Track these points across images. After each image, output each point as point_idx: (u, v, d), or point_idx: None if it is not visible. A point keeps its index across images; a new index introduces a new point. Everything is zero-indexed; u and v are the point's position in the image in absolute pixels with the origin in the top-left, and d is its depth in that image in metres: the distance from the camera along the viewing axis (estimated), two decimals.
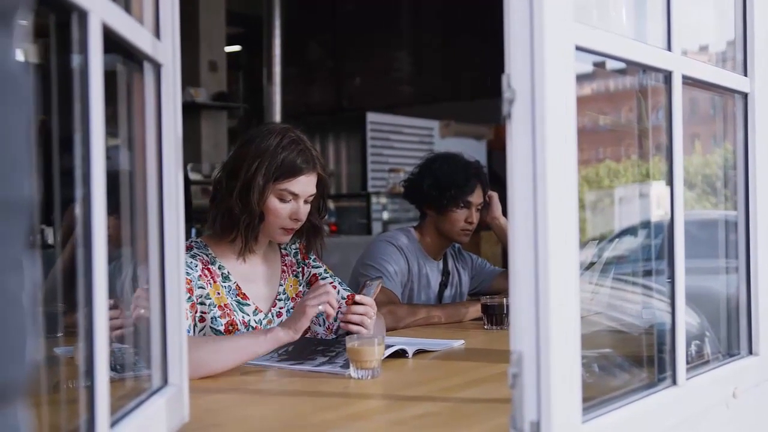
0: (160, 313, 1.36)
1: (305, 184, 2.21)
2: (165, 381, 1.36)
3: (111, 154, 1.08)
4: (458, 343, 2.35)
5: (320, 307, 1.98)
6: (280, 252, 2.39)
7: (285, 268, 2.37)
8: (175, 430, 1.36)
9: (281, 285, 2.34)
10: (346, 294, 2.38)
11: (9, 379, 0.55)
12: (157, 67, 1.34)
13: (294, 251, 2.42)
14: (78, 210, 1.01)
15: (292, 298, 2.35)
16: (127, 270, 1.44)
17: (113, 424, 1.07)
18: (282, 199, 2.19)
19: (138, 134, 1.35)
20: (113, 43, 1.11)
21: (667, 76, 1.52)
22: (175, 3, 1.39)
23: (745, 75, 1.80)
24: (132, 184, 1.35)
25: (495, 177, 5.04)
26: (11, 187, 0.55)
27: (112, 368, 1.10)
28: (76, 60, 1.01)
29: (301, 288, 2.38)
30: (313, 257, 2.45)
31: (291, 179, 2.18)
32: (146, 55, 1.28)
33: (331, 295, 2.01)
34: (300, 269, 2.41)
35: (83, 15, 0.99)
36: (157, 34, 1.34)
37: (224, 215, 2.20)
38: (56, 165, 1.01)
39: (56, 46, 1.05)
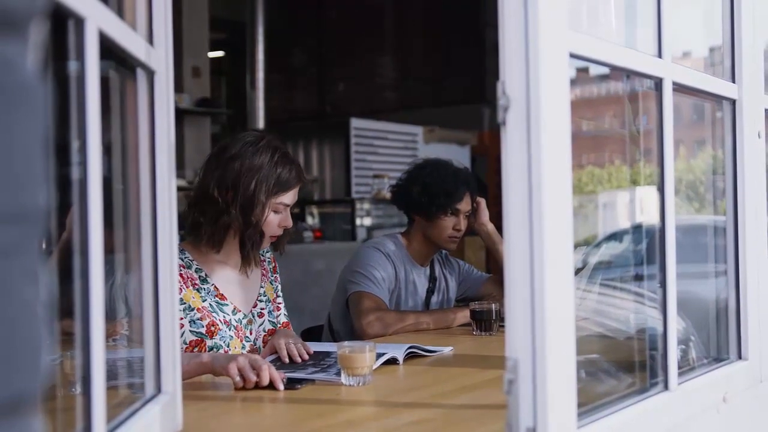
0: (153, 321, 1.35)
1: (295, 194, 2.33)
2: (158, 389, 1.35)
3: (103, 160, 1.08)
4: (448, 350, 2.35)
5: (237, 379, 1.82)
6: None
7: (264, 272, 2.46)
8: None
9: (262, 287, 2.42)
10: (283, 320, 2.47)
11: (25, 390, 0.55)
12: (150, 73, 1.33)
13: (268, 260, 2.50)
14: (74, 217, 1.00)
15: (272, 300, 2.44)
16: (116, 275, 1.43)
17: None
18: (276, 211, 2.28)
19: (131, 141, 1.34)
20: (106, 49, 1.10)
21: (658, 83, 1.53)
22: (168, 10, 1.38)
23: (733, 81, 1.81)
24: (124, 191, 1.35)
25: (478, 182, 5.05)
26: (27, 197, 0.55)
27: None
28: (72, 66, 1.01)
29: (275, 293, 2.48)
30: (277, 273, 2.54)
31: (286, 192, 2.29)
32: (140, 62, 1.28)
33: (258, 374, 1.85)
34: (274, 277, 2.51)
35: (80, 22, 0.98)
36: (150, 41, 1.34)
37: (222, 230, 2.25)
38: (51, 172, 1.00)
39: (51, 53, 1.04)
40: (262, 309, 2.39)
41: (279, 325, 2.44)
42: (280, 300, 2.51)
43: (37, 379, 0.56)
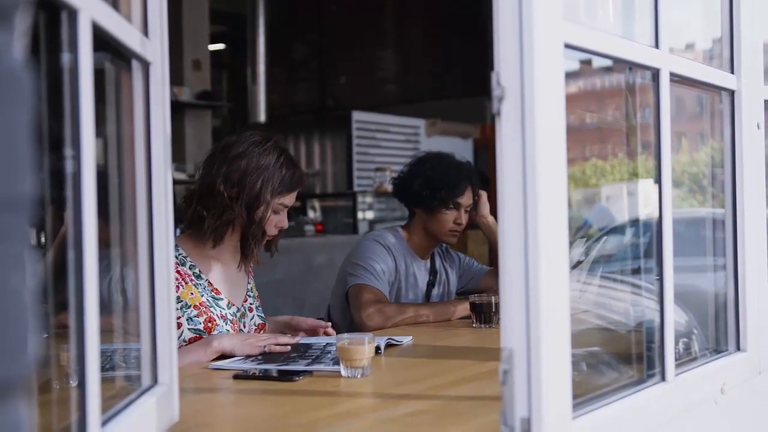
0: (149, 312, 1.35)
1: (294, 197, 2.37)
2: (155, 380, 1.36)
3: (98, 153, 1.08)
4: (407, 339, 2.36)
5: (266, 349, 2.14)
6: None
7: (250, 269, 2.50)
8: (165, 429, 1.36)
9: (249, 283, 2.47)
10: (258, 321, 2.47)
11: (12, 375, 0.55)
12: (145, 65, 1.33)
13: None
14: (68, 211, 1.00)
15: (257, 296, 2.50)
16: (114, 270, 1.44)
17: (104, 423, 1.07)
18: (276, 212, 2.32)
19: (126, 133, 1.34)
20: (101, 41, 1.10)
21: (655, 74, 1.52)
22: (163, 0, 1.38)
23: (732, 72, 1.81)
24: (120, 184, 1.35)
25: (481, 176, 5.04)
26: (14, 184, 0.55)
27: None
28: (65, 58, 1.00)
29: (256, 291, 2.53)
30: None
31: (289, 194, 2.33)
32: (135, 54, 1.28)
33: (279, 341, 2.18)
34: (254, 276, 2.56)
35: (73, 13, 0.98)
36: (145, 32, 1.33)
37: (225, 225, 2.27)
38: (44, 165, 1.00)
39: (44, 45, 1.04)
40: (251, 304, 2.45)
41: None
42: (258, 302, 2.54)
43: (25, 365, 0.56)
